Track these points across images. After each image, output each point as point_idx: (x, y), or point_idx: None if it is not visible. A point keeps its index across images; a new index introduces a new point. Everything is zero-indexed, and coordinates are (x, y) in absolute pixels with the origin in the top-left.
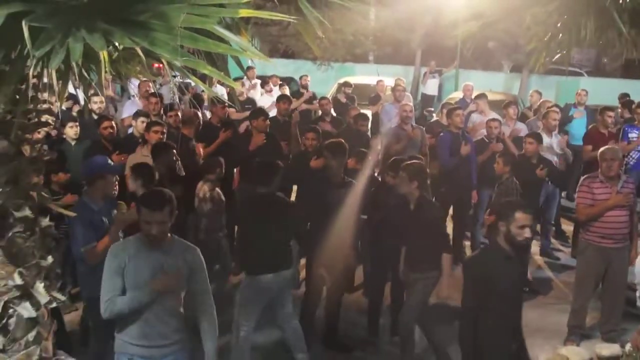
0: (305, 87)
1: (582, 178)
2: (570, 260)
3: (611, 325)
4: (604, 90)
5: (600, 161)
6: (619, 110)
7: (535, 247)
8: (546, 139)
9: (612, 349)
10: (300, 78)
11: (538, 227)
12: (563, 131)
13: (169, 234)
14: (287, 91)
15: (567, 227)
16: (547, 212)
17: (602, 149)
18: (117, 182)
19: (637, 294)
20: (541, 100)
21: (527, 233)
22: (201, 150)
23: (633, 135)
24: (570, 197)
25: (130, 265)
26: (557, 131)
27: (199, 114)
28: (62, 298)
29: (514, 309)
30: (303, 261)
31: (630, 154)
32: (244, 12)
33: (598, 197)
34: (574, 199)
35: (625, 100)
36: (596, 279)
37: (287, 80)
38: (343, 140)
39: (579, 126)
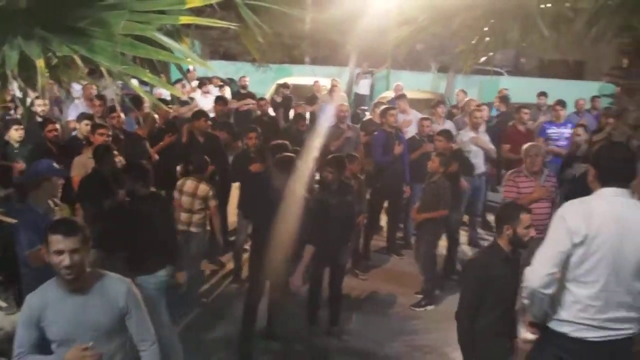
0: (244, 87)
1: (508, 173)
2: None
3: None
4: (523, 89)
5: (525, 157)
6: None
7: (463, 237)
8: (471, 134)
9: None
10: (239, 79)
11: (466, 218)
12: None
13: (89, 269)
14: (227, 92)
15: (492, 218)
16: (474, 205)
17: (526, 145)
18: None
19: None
20: (466, 99)
21: (532, 232)
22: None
23: (551, 131)
24: (494, 190)
25: (50, 314)
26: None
27: (156, 116)
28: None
29: (510, 309)
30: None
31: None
32: (185, 19)
33: (523, 190)
34: (498, 192)
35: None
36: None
37: (227, 82)
38: (293, 156)
39: None
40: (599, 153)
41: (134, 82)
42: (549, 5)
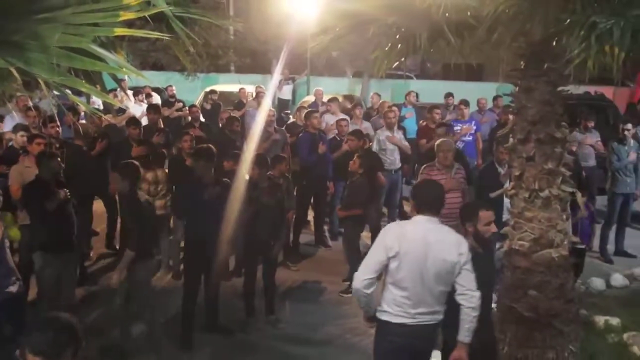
0: (172, 96)
1: (422, 167)
2: None
3: None
4: (430, 91)
5: (437, 152)
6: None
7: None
8: (387, 134)
9: None
10: (166, 88)
11: (385, 210)
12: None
13: None
14: (156, 100)
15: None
16: (392, 197)
17: (438, 141)
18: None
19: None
20: (381, 101)
21: (493, 228)
22: None
23: (457, 128)
24: (409, 182)
25: None
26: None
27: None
28: None
29: (484, 303)
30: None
31: (459, 142)
32: (119, 31)
33: None
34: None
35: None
36: None
37: (158, 91)
38: (211, 146)
39: (410, 123)
40: (416, 189)
41: (69, 93)
42: (452, 13)
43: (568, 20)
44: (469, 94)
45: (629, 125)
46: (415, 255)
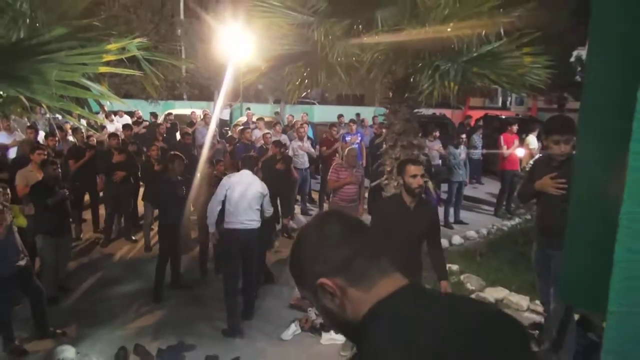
0: (140, 117)
1: (333, 164)
2: None
3: None
4: (328, 113)
5: (347, 156)
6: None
7: (297, 210)
8: (299, 143)
9: None
10: (135, 112)
11: (299, 197)
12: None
13: None
14: (127, 120)
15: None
16: (303, 188)
17: (347, 149)
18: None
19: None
20: (295, 120)
21: (419, 181)
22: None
23: (348, 138)
24: (314, 177)
25: None
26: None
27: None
28: None
29: (410, 256)
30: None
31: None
32: (103, 69)
33: (341, 176)
34: (317, 179)
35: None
36: None
37: (129, 113)
38: (179, 153)
39: (310, 133)
40: (242, 159)
41: (66, 114)
42: (343, 58)
43: (420, 64)
44: (355, 115)
45: (463, 135)
46: (239, 189)
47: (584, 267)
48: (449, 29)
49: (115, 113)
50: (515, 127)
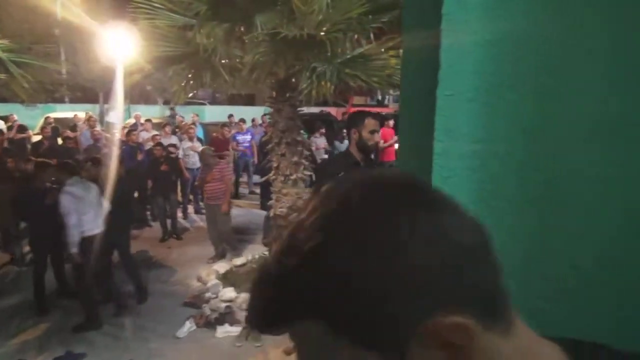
0: (13, 122)
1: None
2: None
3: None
4: (220, 113)
5: (201, 155)
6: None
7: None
8: (189, 144)
9: (241, 260)
10: (9, 117)
11: (192, 197)
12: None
13: None
14: (2, 126)
15: None
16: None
17: (201, 149)
18: None
19: None
20: (184, 122)
21: (376, 137)
22: None
23: (239, 138)
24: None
25: None
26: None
27: None
28: None
29: None
30: None
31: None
32: None
33: (202, 176)
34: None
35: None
36: (213, 221)
37: (4, 118)
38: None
39: (200, 134)
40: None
41: None
42: (227, 60)
43: (298, 66)
44: (247, 115)
45: (345, 131)
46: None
47: None
48: (322, 33)
49: None
50: (392, 122)
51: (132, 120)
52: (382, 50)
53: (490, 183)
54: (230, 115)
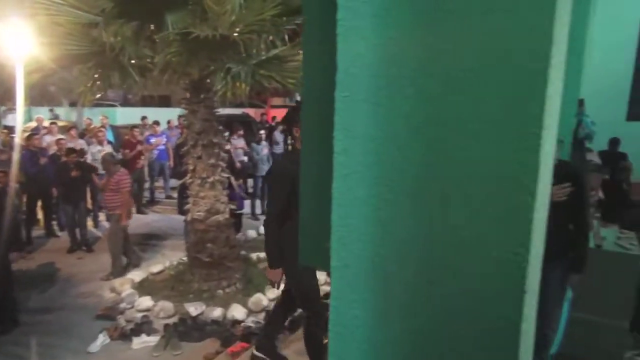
0: None
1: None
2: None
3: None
4: (132, 115)
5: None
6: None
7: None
8: (98, 147)
9: (159, 267)
10: None
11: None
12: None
13: None
14: None
15: None
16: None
17: (102, 154)
18: None
19: None
20: (92, 125)
21: None
22: None
23: (152, 140)
24: None
25: None
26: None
27: None
28: None
29: None
30: None
31: (155, 150)
32: None
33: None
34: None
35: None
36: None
37: None
38: None
39: (110, 137)
40: None
41: None
42: (137, 60)
43: (213, 67)
44: (162, 116)
45: (262, 132)
46: None
47: (317, 233)
48: (235, 34)
49: None
50: None
51: (33, 124)
52: (297, 52)
53: (386, 178)
54: (144, 117)
